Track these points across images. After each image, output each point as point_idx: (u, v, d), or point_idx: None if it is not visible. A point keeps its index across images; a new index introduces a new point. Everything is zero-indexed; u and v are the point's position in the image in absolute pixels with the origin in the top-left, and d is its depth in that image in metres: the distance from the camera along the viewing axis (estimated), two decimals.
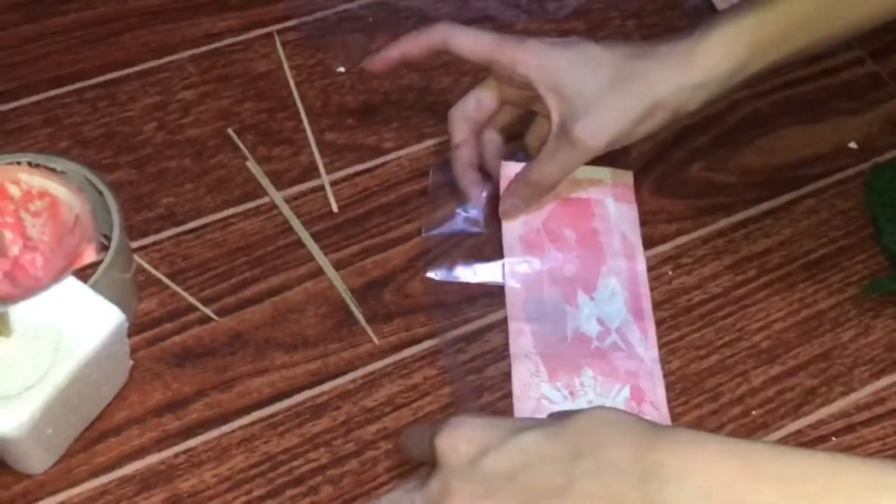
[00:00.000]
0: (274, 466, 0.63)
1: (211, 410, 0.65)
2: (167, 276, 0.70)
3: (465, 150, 0.72)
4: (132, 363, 0.65)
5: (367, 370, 0.67)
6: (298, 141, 0.78)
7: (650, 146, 0.78)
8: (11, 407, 0.57)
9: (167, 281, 0.70)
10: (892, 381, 0.69)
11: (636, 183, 0.76)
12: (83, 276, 0.62)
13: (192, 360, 0.67)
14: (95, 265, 0.63)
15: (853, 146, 0.80)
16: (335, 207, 0.74)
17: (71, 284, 0.61)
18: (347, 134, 0.79)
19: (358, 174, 0.77)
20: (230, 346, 0.68)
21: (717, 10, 0.86)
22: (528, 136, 0.74)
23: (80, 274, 0.62)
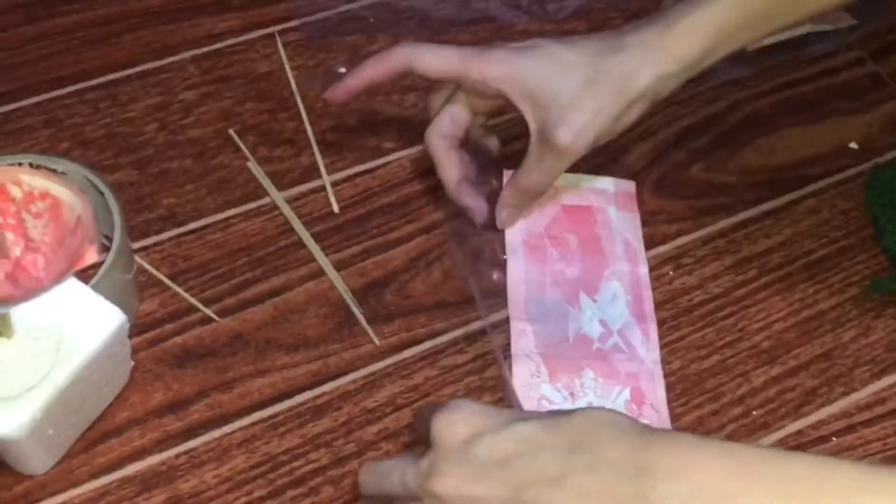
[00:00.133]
0: (275, 467, 0.63)
1: (212, 411, 0.65)
2: (168, 276, 0.70)
3: (450, 170, 0.70)
4: (133, 364, 0.65)
5: (367, 371, 0.67)
6: (299, 141, 0.78)
7: (650, 147, 0.78)
8: (13, 408, 0.57)
9: (168, 282, 0.70)
10: (892, 381, 0.69)
11: (636, 183, 0.76)
12: (84, 277, 0.62)
13: (192, 360, 0.67)
14: (97, 266, 0.63)
15: (853, 146, 0.80)
16: (336, 208, 0.75)
17: (72, 285, 0.61)
18: (348, 134, 0.79)
19: (359, 175, 0.77)
20: (231, 346, 0.68)
21: None
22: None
23: (81, 275, 0.62)
